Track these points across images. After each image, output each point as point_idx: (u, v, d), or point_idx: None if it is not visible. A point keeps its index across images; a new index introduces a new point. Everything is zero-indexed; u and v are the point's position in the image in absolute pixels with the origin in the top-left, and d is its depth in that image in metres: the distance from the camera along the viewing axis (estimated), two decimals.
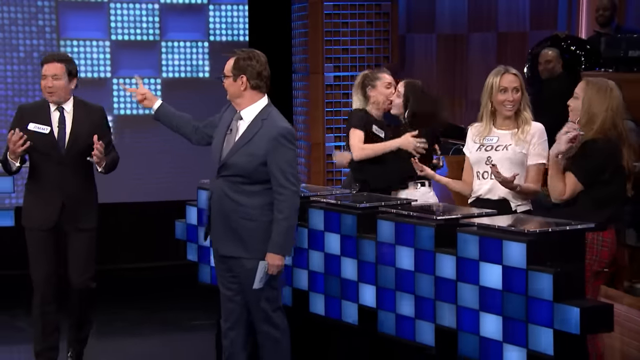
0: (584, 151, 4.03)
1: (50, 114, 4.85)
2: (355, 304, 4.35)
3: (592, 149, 4.02)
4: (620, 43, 6.25)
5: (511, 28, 8.53)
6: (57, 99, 4.82)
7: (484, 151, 4.43)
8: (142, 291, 7.13)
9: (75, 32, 7.70)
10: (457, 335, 3.90)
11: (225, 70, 4.28)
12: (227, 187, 4.25)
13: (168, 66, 7.91)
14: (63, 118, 4.84)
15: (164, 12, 7.89)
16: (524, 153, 4.39)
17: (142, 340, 5.91)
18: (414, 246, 4.05)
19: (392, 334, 4.17)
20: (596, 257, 3.97)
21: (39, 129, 4.80)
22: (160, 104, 4.70)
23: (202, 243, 5.20)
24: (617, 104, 4.07)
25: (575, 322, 3.52)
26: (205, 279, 5.23)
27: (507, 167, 4.36)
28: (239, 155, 4.23)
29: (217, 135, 4.39)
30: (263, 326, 4.25)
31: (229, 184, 4.25)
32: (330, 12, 7.93)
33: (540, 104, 5.32)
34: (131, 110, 7.83)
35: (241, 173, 4.22)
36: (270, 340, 4.25)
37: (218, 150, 4.32)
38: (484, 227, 3.84)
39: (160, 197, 7.73)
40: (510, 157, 4.40)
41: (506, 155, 4.40)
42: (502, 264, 3.72)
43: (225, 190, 4.26)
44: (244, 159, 4.22)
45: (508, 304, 3.70)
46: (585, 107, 4.06)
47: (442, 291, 3.94)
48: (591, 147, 4.02)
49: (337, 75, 7.87)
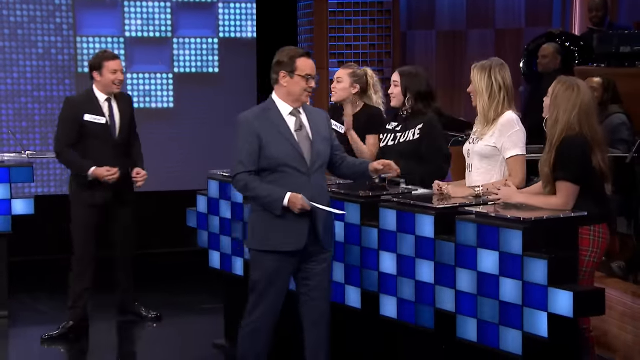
0: (562, 153, 3.86)
1: (101, 104, 5.39)
2: (358, 288, 4.35)
3: (569, 146, 3.85)
4: (612, 39, 6.25)
5: (508, 25, 8.51)
6: (117, 91, 5.43)
7: (468, 144, 4.36)
8: (155, 277, 7.15)
9: (91, 29, 7.70)
10: (455, 318, 3.91)
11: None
12: (322, 180, 4.11)
13: (180, 62, 7.91)
14: (111, 107, 5.41)
15: (176, 10, 7.88)
16: (493, 146, 4.21)
17: (156, 322, 5.93)
18: (414, 234, 4.05)
19: (394, 317, 4.18)
20: (597, 250, 3.94)
21: (95, 119, 5.35)
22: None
23: (212, 230, 5.22)
24: (585, 103, 3.88)
25: (568, 305, 3.53)
26: (215, 264, 5.24)
27: (477, 161, 4.27)
28: (320, 144, 4.06)
29: (274, 139, 3.99)
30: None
31: (321, 176, 4.11)
32: (334, 10, 7.93)
33: (537, 99, 5.30)
34: (144, 104, 7.83)
35: (325, 160, 4.11)
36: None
37: (294, 150, 4.00)
38: (482, 215, 3.84)
39: (171, 186, 7.74)
40: (478, 151, 4.26)
41: (476, 148, 4.28)
42: (499, 251, 3.72)
43: (322, 185, 4.10)
44: (324, 146, 4.09)
45: (505, 288, 3.71)
46: (552, 106, 3.93)
47: (442, 276, 3.95)
48: (567, 145, 3.85)
49: None
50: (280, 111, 4.07)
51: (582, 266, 3.86)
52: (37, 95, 7.60)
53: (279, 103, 4.09)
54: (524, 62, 7.52)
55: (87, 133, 5.35)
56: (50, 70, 7.62)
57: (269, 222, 4.03)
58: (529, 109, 6.44)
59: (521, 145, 4.21)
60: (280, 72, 4.06)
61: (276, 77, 4.08)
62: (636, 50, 6.04)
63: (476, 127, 4.33)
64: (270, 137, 4.01)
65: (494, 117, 4.22)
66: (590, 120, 3.90)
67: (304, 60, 4.07)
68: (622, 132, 5.61)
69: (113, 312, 5.82)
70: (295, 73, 4.04)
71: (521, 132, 4.22)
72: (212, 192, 5.21)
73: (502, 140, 4.20)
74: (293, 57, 4.06)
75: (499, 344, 3.74)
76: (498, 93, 4.21)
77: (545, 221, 3.71)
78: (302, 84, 4.05)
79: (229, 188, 5.05)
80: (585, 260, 3.90)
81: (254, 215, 4.12)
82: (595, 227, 3.92)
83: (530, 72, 7.43)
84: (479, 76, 4.24)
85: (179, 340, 5.63)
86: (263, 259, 4.06)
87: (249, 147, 4.00)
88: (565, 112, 3.88)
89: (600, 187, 3.94)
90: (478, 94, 4.25)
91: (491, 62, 4.26)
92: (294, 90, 4.05)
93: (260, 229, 4.07)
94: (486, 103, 4.22)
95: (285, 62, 4.06)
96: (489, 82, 4.22)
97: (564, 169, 3.86)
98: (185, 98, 7.82)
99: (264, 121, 4.04)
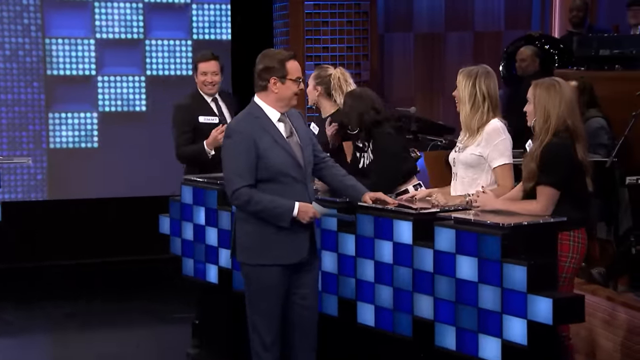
0: (547, 156, 3.88)
1: (210, 104, 5.52)
2: (335, 296, 4.36)
3: (554, 150, 3.88)
4: (592, 42, 6.31)
5: (487, 27, 8.57)
6: (215, 91, 5.49)
7: (454, 152, 4.32)
8: (127, 284, 7.11)
9: (60, 31, 7.66)
10: (434, 326, 3.92)
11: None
12: (313, 185, 4.07)
13: (152, 64, 7.88)
14: (219, 106, 5.53)
15: (148, 11, 7.85)
16: (478, 155, 4.16)
17: (127, 331, 5.89)
18: (392, 240, 4.06)
19: (371, 325, 4.19)
20: (576, 255, 3.96)
21: (209, 120, 5.48)
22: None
23: (186, 237, 5.20)
24: (568, 96, 3.95)
25: (547, 312, 3.55)
26: (189, 272, 5.22)
27: (462, 170, 4.24)
28: (307, 148, 4.00)
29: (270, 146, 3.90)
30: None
31: (312, 182, 4.06)
32: (310, 12, 7.94)
33: (517, 102, 5.33)
34: (116, 107, 7.80)
35: (312, 164, 4.06)
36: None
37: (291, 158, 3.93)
38: (461, 221, 3.86)
39: (143, 192, 7.71)
40: (463, 160, 4.21)
41: (461, 157, 4.24)
42: (478, 257, 3.74)
43: (313, 190, 4.07)
44: (309, 150, 4.03)
45: (483, 295, 3.73)
46: (539, 107, 3.95)
47: (420, 283, 3.96)
48: (553, 149, 3.89)
49: None
50: (269, 118, 3.97)
51: (562, 272, 3.89)
52: (4, 98, 7.54)
53: (266, 109, 3.98)
54: (503, 65, 7.58)
55: (202, 134, 5.36)
56: (18, 73, 7.56)
57: (268, 235, 3.91)
58: (508, 112, 6.46)
59: (508, 154, 4.18)
60: (271, 79, 3.93)
61: (265, 84, 3.96)
62: (615, 54, 6.11)
63: (461, 135, 4.30)
64: (267, 145, 3.89)
65: (478, 127, 4.17)
66: (574, 112, 3.97)
67: (293, 63, 3.99)
68: (601, 136, 5.65)
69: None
70: (287, 77, 3.95)
71: (507, 141, 4.19)
72: (185, 198, 5.19)
73: (488, 150, 4.16)
74: (282, 60, 3.95)
75: (478, 352, 3.76)
76: (482, 103, 4.16)
77: (524, 227, 3.73)
78: (294, 88, 3.98)
79: (203, 194, 5.03)
80: (565, 266, 3.93)
81: (248, 227, 3.96)
82: (575, 232, 3.95)
83: (509, 76, 7.49)
84: (464, 83, 4.19)
85: (152, 350, 5.61)
86: (261, 273, 3.94)
87: (246, 158, 3.86)
88: (554, 107, 3.93)
89: (581, 189, 3.98)
90: (461, 102, 4.21)
91: (477, 70, 4.19)
92: (285, 95, 3.97)
93: (256, 242, 3.94)
94: (468, 113, 4.18)
95: (276, 67, 3.93)
96: (472, 91, 4.17)
97: (548, 173, 3.88)
98: (158, 101, 7.79)
99: (257, 129, 3.92)
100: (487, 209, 3.95)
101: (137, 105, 7.80)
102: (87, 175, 7.75)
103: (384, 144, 4.65)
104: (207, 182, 5.08)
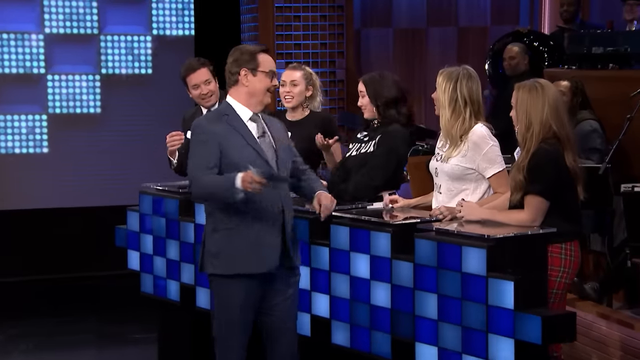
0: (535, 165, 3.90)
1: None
2: (307, 314, 4.36)
3: (542, 158, 3.90)
4: (584, 39, 6.34)
5: (472, 22, 8.63)
6: (215, 101, 5.10)
7: (435, 161, 4.31)
8: (82, 303, 7.07)
9: (5, 25, 7.62)
10: (414, 346, 3.94)
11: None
12: (288, 189, 4.09)
13: (108, 62, 7.86)
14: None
15: (103, 4, 7.83)
16: (465, 167, 4.14)
17: (81, 354, 5.86)
18: (369, 253, 4.08)
19: (346, 345, 4.20)
20: (569, 269, 4.00)
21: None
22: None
23: (145, 250, 5.19)
24: (552, 99, 3.96)
25: (536, 331, 3.58)
26: (148, 289, 5.21)
27: (447, 182, 4.22)
28: (282, 152, 4.04)
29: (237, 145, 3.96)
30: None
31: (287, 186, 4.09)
32: (281, 5, 7.96)
33: (503, 104, 5.37)
34: (67, 109, 7.76)
35: (289, 169, 4.08)
36: None
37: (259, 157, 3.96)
38: (442, 233, 3.88)
39: (97, 202, 7.67)
40: (448, 172, 4.19)
41: (445, 168, 4.20)
42: (461, 272, 3.76)
43: (289, 194, 4.08)
44: (286, 155, 4.07)
45: (467, 313, 3.75)
46: (520, 113, 3.96)
47: (399, 300, 3.98)
48: (540, 157, 3.90)
49: None
50: (240, 116, 4.05)
51: (552, 288, 3.92)
52: None
53: (237, 107, 4.05)
54: (489, 63, 7.62)
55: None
56: None
57: (236, 244, 3.95)
58: (494, 114, 6.52)
59: (499, 161, 4.19)
60: (242, 70, 4.01)
61: (235, 77, 4.03)
62: (609, 52, 6.14)
63: (441, 140, 4.29)
64: (231, 142, 3.95)
65: (460, 134, 4.17)
66: (560, 116, 3.98)
67: (265, 56, 4.06)
68: (594, 140, 5.68)
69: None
70: (258, 69, 4.01)
71: (495, 146, 4.19)
72: (144, 208, 5.18)
73: (477, 161, 4.16)
74: (253, 52, 4.04)
75: None
76: (463, 108, 4.15)
77: (511, 239, 3.76)
78: (266, 82, 4.02)
79: (163, 203, 5.02)
80: (556, 281, 3.96)
81: (216, 236, 3.99)
82: (567, 244, 3.98)
83: (495, 75, 7.54)
84: (444, 86, 4.18)
85: None
86: (227, 284, 3.97)
87: (206, 152, 3.93)
88: (537, 112, 3.94)
89: (572, 199, 4.01)
90: (440, 106, 4.21)
91: (459, 72, 4.19)
92: (256, 89, 4.01)
93: (224, 251, 3.97)
94: (448, 119, 4.17)
95: (246, 58, 4.02)
96: (453, 95, 4.16)
97: (536, 182, 3.90)
98: (114, 102, 7.77)
99: (222, 126, 3.98)
100: (472, 218, 3.98)
101: (91, 106, 7.77)
102: (35, 184, 7.70)
103: (394, 144, 4.62)
104: (168, 190, 5.07)
